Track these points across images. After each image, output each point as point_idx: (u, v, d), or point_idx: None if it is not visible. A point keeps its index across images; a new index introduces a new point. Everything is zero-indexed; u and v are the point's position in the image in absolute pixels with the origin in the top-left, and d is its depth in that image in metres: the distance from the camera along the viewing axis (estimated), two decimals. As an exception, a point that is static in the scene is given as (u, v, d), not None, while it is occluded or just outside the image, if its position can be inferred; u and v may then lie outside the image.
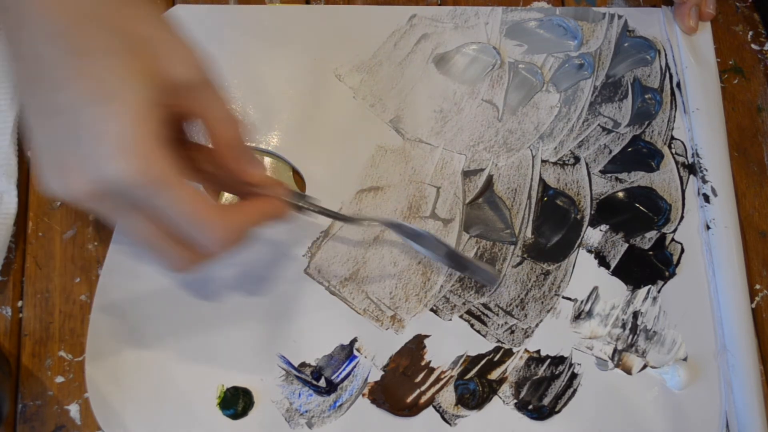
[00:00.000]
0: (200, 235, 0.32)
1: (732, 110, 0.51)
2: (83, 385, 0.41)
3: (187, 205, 0.31)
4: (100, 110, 0.29)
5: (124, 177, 0.29)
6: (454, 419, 0.42)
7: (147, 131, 0.29)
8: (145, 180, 0.29)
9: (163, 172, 0.30)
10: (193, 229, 0.32)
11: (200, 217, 0.31)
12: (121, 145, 0.29)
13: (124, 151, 0.29)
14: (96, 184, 0.29)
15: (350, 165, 0.47)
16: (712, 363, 0.44)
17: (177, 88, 0.31)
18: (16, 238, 0.44)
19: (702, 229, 0.47)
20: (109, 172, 0.29)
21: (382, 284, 0.44)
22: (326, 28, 0.50)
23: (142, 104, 0.29)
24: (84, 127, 0.29)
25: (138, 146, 0.29)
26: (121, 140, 0.29)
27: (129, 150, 0.29)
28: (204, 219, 0.31)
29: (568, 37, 0.51)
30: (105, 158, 0.29)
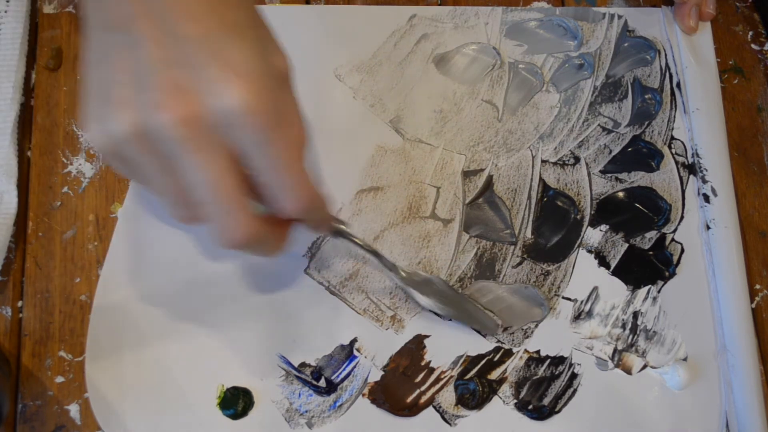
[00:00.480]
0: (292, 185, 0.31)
1: (732, 110, 0.51)
2: (83, 385, 0.41)
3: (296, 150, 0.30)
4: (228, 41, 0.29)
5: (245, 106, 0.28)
6: (454, 419, 0.42)
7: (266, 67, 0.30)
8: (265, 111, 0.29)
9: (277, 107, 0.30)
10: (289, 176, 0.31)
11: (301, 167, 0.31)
12: (248, 76, 0.29)
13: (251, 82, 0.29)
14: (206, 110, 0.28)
15: (350, 165, 0.47)
16: (712, 363, 0.44)
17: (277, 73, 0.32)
18: (16, 238, 0.44)
19: (702, 229, 0.47)
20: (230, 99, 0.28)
21: (382, 284, 0.44)
22: (326, 28, 0.50)
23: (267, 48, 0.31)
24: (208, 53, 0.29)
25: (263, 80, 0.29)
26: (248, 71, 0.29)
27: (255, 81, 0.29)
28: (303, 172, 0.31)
29: (568, 37, 0.51)
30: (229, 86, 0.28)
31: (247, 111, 0.28)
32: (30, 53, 0.47)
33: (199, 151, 0.29)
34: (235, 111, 0.28)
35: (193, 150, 0.29)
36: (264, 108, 0.29)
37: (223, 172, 0.30)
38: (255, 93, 0.29)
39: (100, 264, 0.44)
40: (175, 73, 0.29)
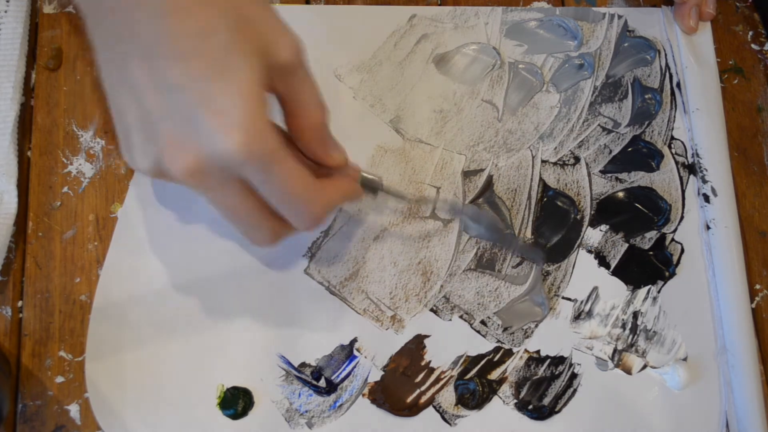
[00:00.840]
0: (299, 209, 0.34)
1: (732, 110, 0.51)
2: (83, 385, 0.41)
3: (294, 180, 0.33)
4: (215, 87, 0.30)
5: (239, 151, 0.30)
6: (454, 419, 0.42)
7: (259, 108, 0.31)
8: (259, 154, 0.30)
9: (275, 146, 0.31)
10: (294, 204, 0.34)
11: (304, 193, 0.33)
12: (237, 121, 0.30)
13: (240, 127, 0.30)
14: (205, 159, 0.30)
15: (350, 165, 0.47)
16: (712, 363, 0.44)
17: (279, 69, 0.33)
18: (16, 238, 0.44)
19: (702, 229, 0.47)
20: (224, 147, 0.30)
21: (382, 284, 0.44)
22: (326, 28, 0.50)
23: (254, 82, 0.31)
24: (197, 102, 0.30)
25: (253, 122, 0.30)
26: (237, 116, 0.30)
27: (244, 125, 0.30)
28: (306, 195, 0.33)
29: (568, 37, 0.51)
30: (221, 134, 0.30)
31: (239, 157, 0.30)
32: (30, 53, 0.47)
33: (210, 191, 0.33)
34: (229, 158, 0.30)
35: (205, 191, 0.33)
36: (254, 151, 0.30)
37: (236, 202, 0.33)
38: (243, 139, 0.30)
39: (100, 264, 0.44)
40: (170, 125, 0.31)
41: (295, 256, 0.44)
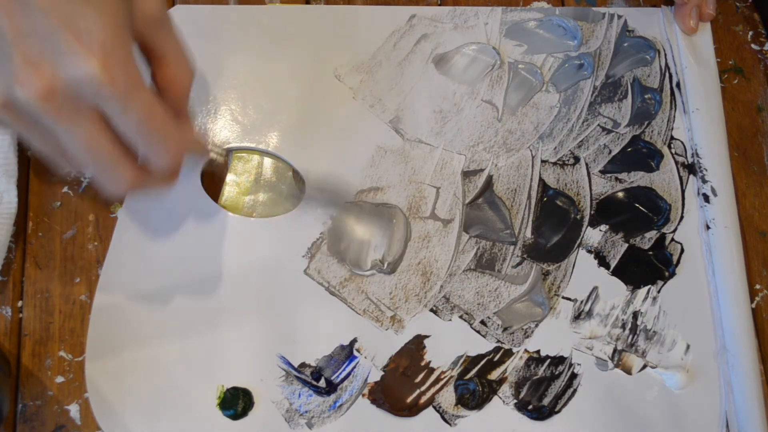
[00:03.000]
0: (157, 144, 0.33)
1: (732, 110, 0.51)
2: (83, 385, 0.41)
3: (154, 113, 0.32)
4: (80, 9, 0.29)
5: (99, 75, 0.29)
6: (454, 419, 0.42)
7: (123, 36, 0.30)
8: (119, 81, 0.29)
9: (136, 76, 0.30)
10: (152, 137, 0.32)
11: (162, 127, 0.32)
12: (99, 44, 0.29)
13: (102, 50, 0.29)
14: (62, 81, 0.29)
15: (350, 165, 0.47)
16: (712, 363, 0.44)
17: (146, 19, 0.32)
18: (16, 238, 0.44)
19: (702, 229, 0.47)
20: (84, 68, 0.29)
21: (382, 284, 0.44)
22: (326, 28, 0.50)
23: (120, 13, 0.30)
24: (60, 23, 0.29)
25: (116, 47, 0.29)
26: (100, 39, 0.29)
27: (107, 49, 0.29)
28: (165, 129, 0.32)
29: (568, 37, 0.51)
30: (86, 58, 0.29)
31: (98, 82, 0.29)
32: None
33: (64, 120, 0.30)
34: (87, 82, 0.29)
35: (58, 119, 0.30)
36: (114, 78, 0.29)
37: (92, 135, 0.31)
38: (104, 64, 0.29)
39: (100, 264, 0.44)
40: (27, 46, 0.29)
41: (295, 257, 0.44)
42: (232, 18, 0.50)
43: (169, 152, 0.33)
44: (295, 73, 0.49)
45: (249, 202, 0.46)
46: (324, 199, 0.44)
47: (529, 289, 0.45)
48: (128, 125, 0.31)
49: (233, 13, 0.50)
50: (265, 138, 0.47)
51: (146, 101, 0.31)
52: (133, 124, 0.31)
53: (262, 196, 0.46)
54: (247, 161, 0.47)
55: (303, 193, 0.46)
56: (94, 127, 0.31)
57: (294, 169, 0.47)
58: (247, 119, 0.47)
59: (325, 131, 0.48)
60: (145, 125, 0.32)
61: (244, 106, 0.48)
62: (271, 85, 0.48)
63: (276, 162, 0.47)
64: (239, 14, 0.50)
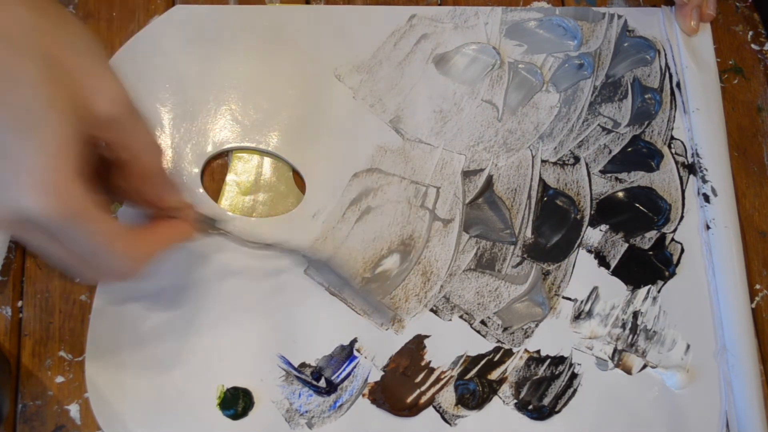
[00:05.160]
0: (109, 264, 0.33)
1: (732, 110, 0.51)
2: (83, 385, 0.41)
3: (99, 239, 0.31)
4: (19, 141, 0.28)
5: (39, 211, 0.28)
6: (454, 419, 0.42)
7: (65, 165, 0.29)
8: (59, 215, 0.29)
9: (78, 207, 0.29)
10: (103, 260, 0.32)
11: (110, 250, 0.32)
12: (37, 180, 0.28)
13: (41, 186, 0.28)
14: (9, 215, 0.29)
15: (350, 165, 0.47)
16: (712, 363, 0.44)
17: (101, 122, 0.31)
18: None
19: (702, 229, 0.47)
20: (24, 205, 0.28)
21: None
22: (326, 28, 0.50)
23: (64, 138, 0.29)
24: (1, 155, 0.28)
25: (55, 182, 0.29)
26: (39, 174, 0.28)
27: (45, 185, 0.28)
28: (113, 252, 0.32)
29: (568, 37, 0.51)
30: (21, 191, 0.28)
31: (40, 217, 0.29)
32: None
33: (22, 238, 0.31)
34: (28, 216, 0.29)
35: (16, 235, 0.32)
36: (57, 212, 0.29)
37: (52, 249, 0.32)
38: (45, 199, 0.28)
39: (100, 264, 0.44)
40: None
41: (295, 257, 0.44)
42: (231, 18, 0.50)
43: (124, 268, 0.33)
44: (295, 73, 0.49)
45: (249, 202, 0.46)
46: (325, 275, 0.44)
47: (529, 289, 0.45)
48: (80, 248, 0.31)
49: (233, 13, 0.50)
50: (265, 138, 0.47)
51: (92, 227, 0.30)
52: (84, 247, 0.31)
53: (262, 196, 0.46)
54: (247, 161, 0.47)
55: (303, 193, 0.46)
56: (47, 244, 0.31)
57: (294, 169, 0.47)
58: (247, 119, 0.47)
59: (325, 131, 0.48)
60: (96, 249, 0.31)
61: (244, 106, 0.48)
62: (271, 85, 0.48)
63: (276, 162, 0.47)
64: (239, 14, 0.50)
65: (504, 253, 0.45)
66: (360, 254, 0.45)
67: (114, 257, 0.32)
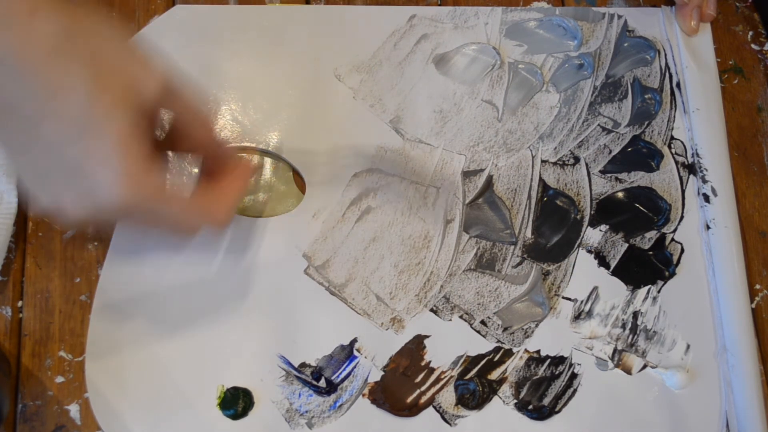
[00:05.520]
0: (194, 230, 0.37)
1: (732, 110, 0.51)
2: (83, 385, 0.41)
3: (177, 215, 0.35)
4: (80, 147, 0.30)
5: (119, 204, 0.31)
6: (454, 419, 0.42)
7: (132, 155, 0.31)
8: (137, 202, 0.32)
9: (152, 192, 0.32)
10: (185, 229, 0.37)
11: (190, 220, 0.36)
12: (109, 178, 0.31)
13: (113, 183, 0.31)
14: (94, 211, 0.32)
15: (350, 165, 0.47)
16: (712, 363, 0.44)
17: (153, 104, 0.33)
18: (16, 238, 0.44)
19: (702, 229, 0.47)
20: (104, 201, 0.31)
21: (382, 284, 0.44)
22: (326, 28, 0.50)
23: (122, 132, 0.31)
24: (69, 163, 0.31)
25: (127, 173, 0.31)
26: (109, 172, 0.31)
27: (116, 180, 0.31)
28: (194, 220, 0.36)
29: (568, 37, 0.51)
30: (97, 190, 0.31)
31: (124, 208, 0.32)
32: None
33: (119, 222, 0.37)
34: (114, 210, 0.32)
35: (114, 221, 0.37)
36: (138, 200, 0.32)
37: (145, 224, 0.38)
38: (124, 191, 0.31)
39: (100, 264, 0.44)
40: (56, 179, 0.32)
41: (295, 257, 0.44)
42: (231, 18, 0.50)
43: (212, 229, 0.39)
44: (295, 73, 0.49)
45: (249, 202, 0.46)
46: None
47: (529, 289, 0.45)
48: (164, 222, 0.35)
49: (233, 13, 0.50)
50: (265, 138, 0.47)
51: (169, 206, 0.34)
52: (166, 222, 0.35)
53: (262, 196, 0.46)
54: (247, 161, 0.47)
55: (303, 193, 0.46)
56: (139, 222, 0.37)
57: (294, 169, 0.47)
58: (247, 119, 0.47)
59: (325, 131, 0.48)
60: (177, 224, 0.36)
61: (244, 106, 0.48)
62: (271, 85, 0.48)
63: (276, 162, 0.47)
64: (239, 14, 0.50)
65: (504, 253, 0.45)
66: (360, 254, 0.45)
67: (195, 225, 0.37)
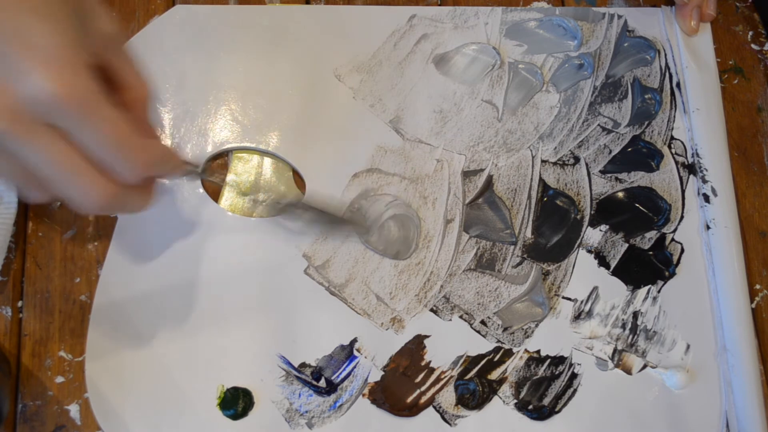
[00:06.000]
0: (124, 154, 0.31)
1: (732, 110, 0.51)
2: (83, 385, 0.41)
3: (113, 124, 0.30)
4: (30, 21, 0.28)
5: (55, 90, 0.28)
6: (454, 419, 0.42)
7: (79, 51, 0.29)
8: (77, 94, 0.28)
9: (90, 89, 0.29)
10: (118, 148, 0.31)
11: (125, 138, 0.31)
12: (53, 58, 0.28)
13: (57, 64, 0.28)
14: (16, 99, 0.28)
15: (350, 165, 0.47)
16: (712, 363, 0.44)
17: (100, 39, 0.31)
18: (16, 238, 0.44)
19: (702, 229, 0.47)
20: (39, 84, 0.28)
21: (382, 284, 0.44)
22: (326, 28, 0.50)
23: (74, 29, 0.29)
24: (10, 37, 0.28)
25: (72, 62, 0.28)
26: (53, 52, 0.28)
27: (62, 62, 0.28)
28: (128, 140, 0.31)
29: (568, 37, 0.51)
30: (35, 70, 0.28)
31: (56, 99, 0.28)
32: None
33: (27, 138, 0.29)
34: (45, 99, 0.28)
35: (21, 138, 0.29)
36: (72, 93, 0.28)
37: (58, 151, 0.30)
38: (61, 79, 0.28)
39: (100, 264, 0.44)
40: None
41: (295, 257, 0.44)
42: (231, 18, 0.50)
43: (137, 163, 0.31)
44: (295, 73, 0.49)
45: (249, 202, 0.46)
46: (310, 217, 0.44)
47: (529, 289, 0.45)
48: (90, 139, 0.30)
49: (233, 13, 0.50)
50: (265, 138, 0.47)
51: (107, 114, 0.30)
52: (94, 137, 0.30)
53: (262, 196, 0.46)
54: (247, 161, 0.47)
55: (303, 193, 0.46)
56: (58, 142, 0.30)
57: (294, 169, 0.47)
58: (247, 119, 0.47)
59: (325, 131, 0.48)
60: (108, 138, 0.30)
61: (244, 106, 0.48)
62: (271, 85, 0.48)
63: (276, 162, 0.47)
64: (239, 14, 0.50)
65: (504, 253, 0.45)
66: (360, 254, 0.45)
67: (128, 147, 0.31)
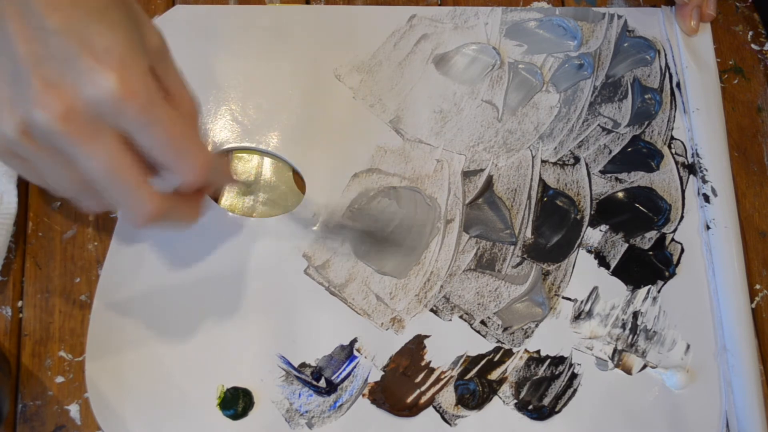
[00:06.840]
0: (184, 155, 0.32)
1: (732, 110, 0.51)
2: (83, 385, 0.41)
3: (175, 125, 0.31)
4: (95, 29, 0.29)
5: (119, 91, 0.29)
6: (454, 419, 0.42)
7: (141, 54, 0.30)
8: (139, 95, 0.29)
9: (153, 90, 0.30)
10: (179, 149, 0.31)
11: (186, 138, 0.31)
12: (117, 61, 0.29)
13: (120, 66, 0.29)
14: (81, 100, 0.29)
15: (350, 165, 0.47)
16: (712, 363, 0.44)
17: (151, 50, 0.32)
18: (16, 238, 0.44)
19: (702, 229, 0.47)
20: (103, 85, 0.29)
21: (382, 284, 0.44)
22: (326, 28, 0.50)
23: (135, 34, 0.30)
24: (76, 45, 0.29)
25: (135, 64, 0.29)
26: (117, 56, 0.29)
27: (124, 64, 0.29)
28: (190, 140, 0.32)
29: (568, 37, 0.51)
30: (99, 72, 0.29)
31: (120, 98, 0.29)
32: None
33: (86, 141, 0.30)
34: (108, 99, 0.29)
35: (80, 141, 0.29)
36: (136, 92, 0.29)
37: (115, 156, 0.30)
38: (125, 78, 0.29)
39: (100, 264, 0.44)
40: (45, 69, 0.29)
41: (295, 257, 0.44)
42: (231, 18, 0.50)
43: (196, 165, 0.32)
44: (295, 73, 0.49)
45: (249, 202, 0.46)
46: None
47: (529, 289, 0.45)
48: (153, 139, 0.31)
49: (233, 13, 0.50)
50: (265, 138, 0.47)
51: (169, 114, 0.31)
52: (157, 137, 0.31)
53: (262, 196, 0.46)
54: (247, 161, 0.47)
55: (303, 193, 0.46)
56: (116, 147, 0.30)
57: (294, 169, 0.47)
58: (247, 119, 0.47)
59: (325, 131, 0.48)
60: (170, 138, 0.31)
61: (244, 106, 0.48)
62: (271, 85, 0.48)
63: (276, 162, 0.47)
64: (239, 14, 0.50)
65: (504, 253, 0.45)
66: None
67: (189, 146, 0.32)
